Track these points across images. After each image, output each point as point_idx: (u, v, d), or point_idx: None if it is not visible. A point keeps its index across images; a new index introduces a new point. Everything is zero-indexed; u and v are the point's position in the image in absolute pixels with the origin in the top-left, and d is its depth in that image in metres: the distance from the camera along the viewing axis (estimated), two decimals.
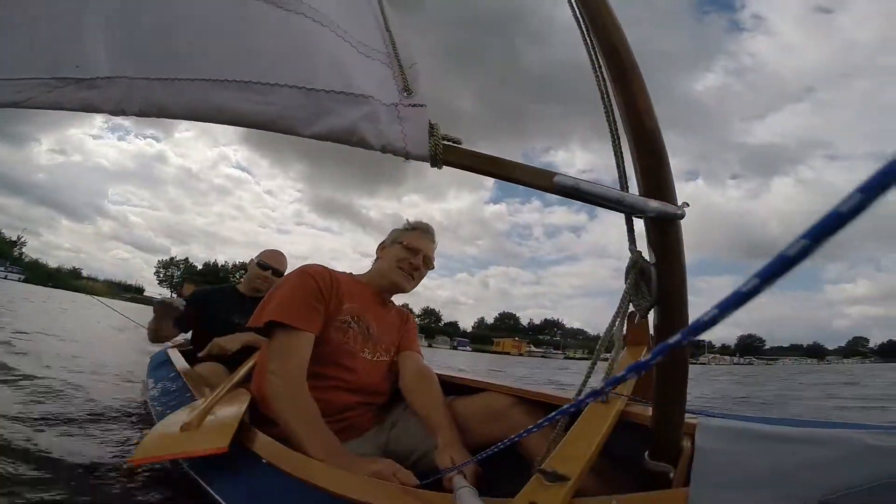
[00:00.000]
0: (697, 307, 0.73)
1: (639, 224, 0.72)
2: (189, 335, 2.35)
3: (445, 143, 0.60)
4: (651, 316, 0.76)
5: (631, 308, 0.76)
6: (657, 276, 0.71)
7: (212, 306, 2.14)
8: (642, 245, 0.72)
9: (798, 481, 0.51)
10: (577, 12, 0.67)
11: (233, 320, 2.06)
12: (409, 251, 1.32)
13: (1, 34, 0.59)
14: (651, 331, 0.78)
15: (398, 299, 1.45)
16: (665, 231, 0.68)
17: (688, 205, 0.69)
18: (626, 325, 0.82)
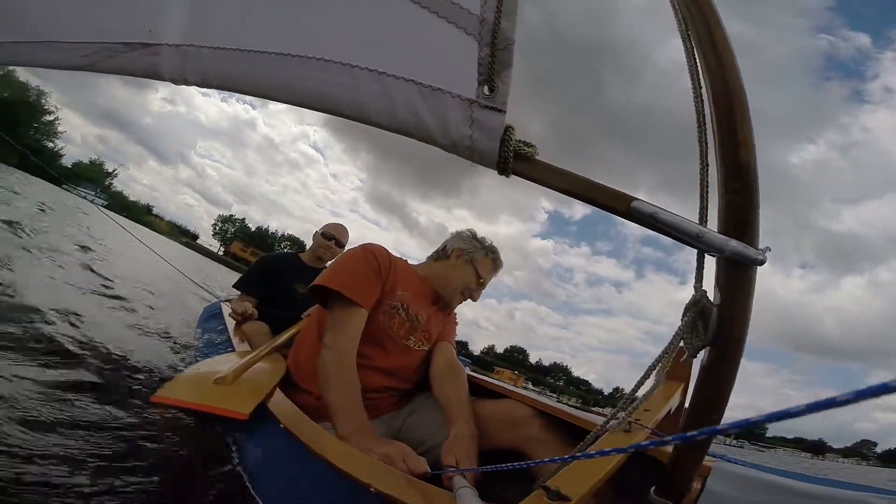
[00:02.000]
0: None
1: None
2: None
3: (518, 151, 0.50)
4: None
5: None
6: (718, 319, 0.61)
7: (276, 272, 2.10)
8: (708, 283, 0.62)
9: None
10: (684, 29, 0.53)
11: (294, 287, 2.03)
12: (478, 281, 1.25)
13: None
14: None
15: None
16: (738, 275, 0.58)
17: (769, 249, 0.57)
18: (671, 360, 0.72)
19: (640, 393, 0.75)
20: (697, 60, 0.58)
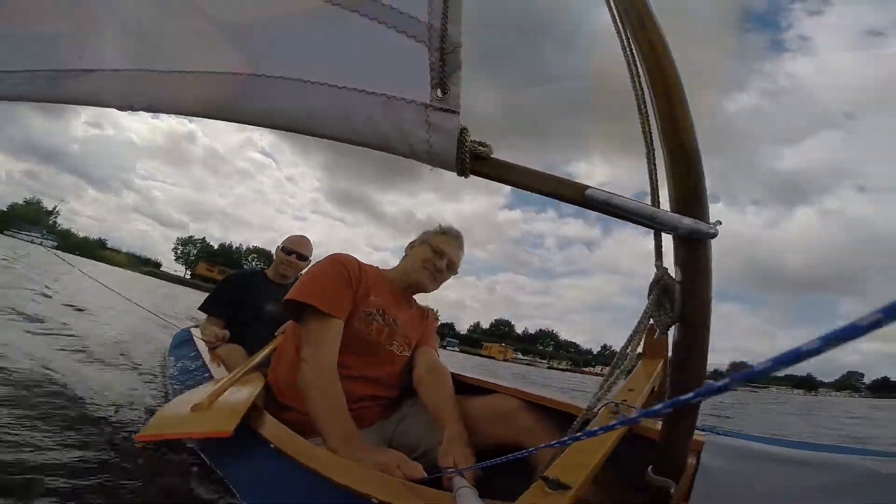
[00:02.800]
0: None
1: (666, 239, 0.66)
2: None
3: (474, 151, 0.52)
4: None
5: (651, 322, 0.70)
6: (681, 294, 0.65)
7: (242, 291, 2.07)
8: (668, 261, 0.66)
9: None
10: (620, 25, 0.58)
11: (262, 306, 2.00)
12: (436, 253, 1.27)
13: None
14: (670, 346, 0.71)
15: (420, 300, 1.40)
16: (694, 250, 0.62)
17: (720, 223, 0.62)
18: (644, 338, 0.76)
19: (615, 375, 0.78)
20: (636, 59, 0.62)
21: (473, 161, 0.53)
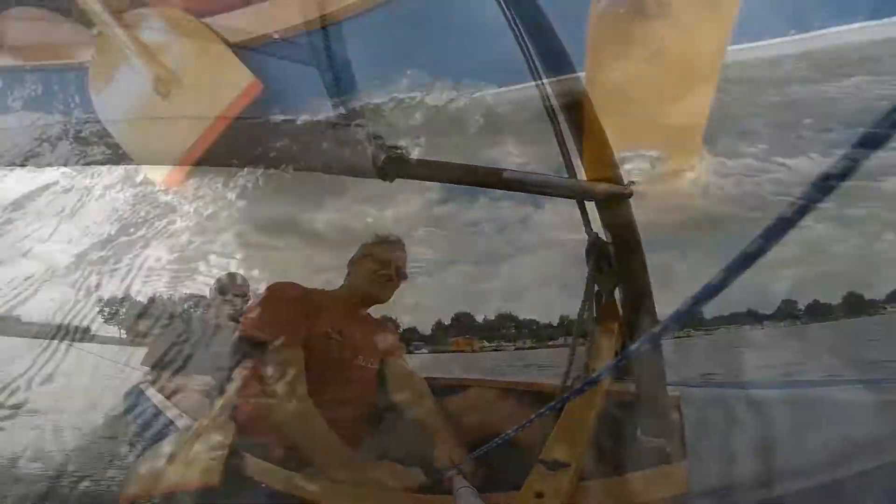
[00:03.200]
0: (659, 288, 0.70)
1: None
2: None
3: (391, 156, 0.55)
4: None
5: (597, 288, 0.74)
6: (616, 253, 0.69)
7: (187, 337, 2.01)
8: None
9: (792, 443, 0.48)
10: (512, 20, 0.63)
11: (208, 349, 1.95)
12: (380, 263, 1.27)
13: None
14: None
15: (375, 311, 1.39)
16: (616, 210, 0.67)
17: (633, 183, 0.67)
18: (595, 304, 0.79)
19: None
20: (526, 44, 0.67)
21: (392, 165, 0.56)
